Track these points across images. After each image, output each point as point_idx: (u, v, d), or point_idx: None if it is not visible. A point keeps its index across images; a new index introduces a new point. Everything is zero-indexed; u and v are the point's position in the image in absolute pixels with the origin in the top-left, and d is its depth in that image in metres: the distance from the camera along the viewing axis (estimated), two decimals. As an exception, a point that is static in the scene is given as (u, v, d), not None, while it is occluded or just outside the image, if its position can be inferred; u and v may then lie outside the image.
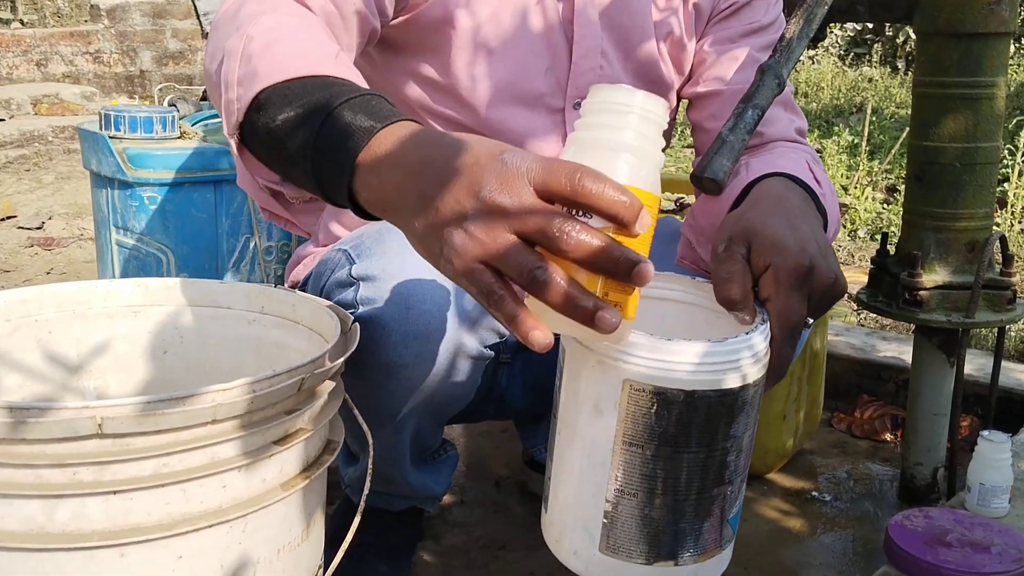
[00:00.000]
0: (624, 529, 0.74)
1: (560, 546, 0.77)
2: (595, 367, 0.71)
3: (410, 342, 0.98)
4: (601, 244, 0.59)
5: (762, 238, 0.78)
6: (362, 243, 1.03)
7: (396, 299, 0.98)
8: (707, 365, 0.70)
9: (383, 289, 0.98)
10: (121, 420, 0.68)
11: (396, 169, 0.66)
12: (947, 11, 1.29)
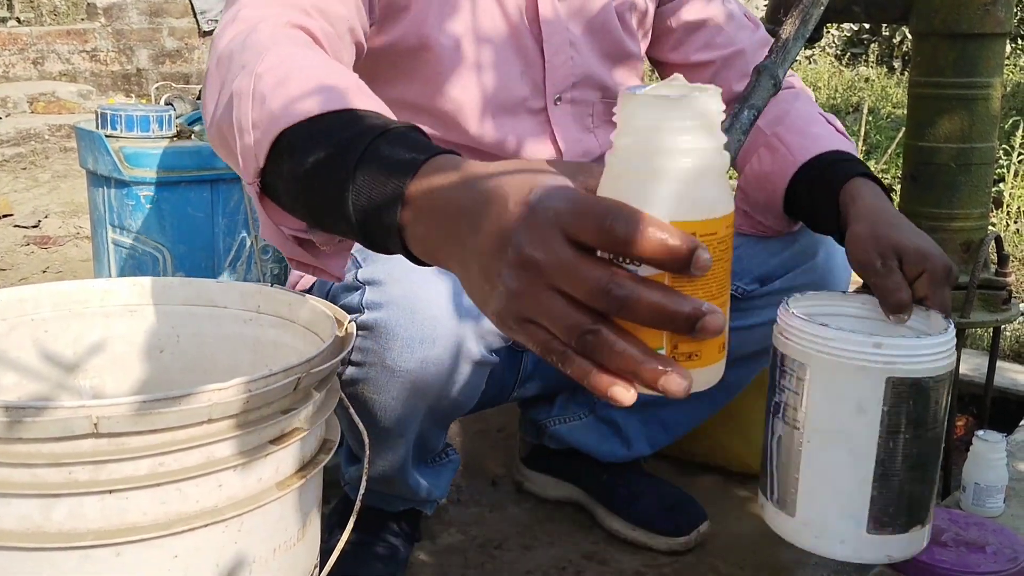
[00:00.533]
0: (887, 507, 0.89)
1: (821, 541, 0.93)
2: (855, 373, 0.85)
3: (415, 346, 0.99)
4: (651, 301, 0.49)
5: (910, 252, 0.96)
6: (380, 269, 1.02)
7: (402, 303, 0.98)
8: (941, 353, 0.87)
9: (388, 294, 0.98)
10: (117, 419, 0.68)
11: (436, 215, 0.59)
12: (943, 12, 1.30)
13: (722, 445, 1.62)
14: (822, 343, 0.87)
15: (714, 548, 1.43)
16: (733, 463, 1.63)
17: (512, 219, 0.53)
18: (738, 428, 1.59)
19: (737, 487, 1.61)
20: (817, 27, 1.46)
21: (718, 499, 1.57)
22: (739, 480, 1.62)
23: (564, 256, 0.50)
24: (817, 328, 0.87)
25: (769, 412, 0.94)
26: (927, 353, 0.86)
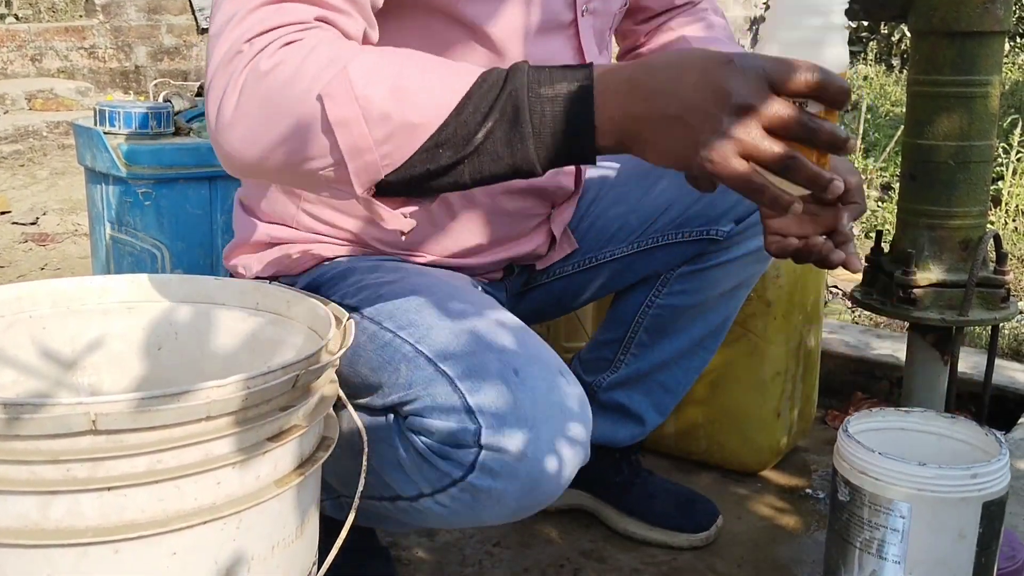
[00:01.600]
0: None
1: None
2: (957, 505, 0.94)
3: (525, 511, 0.94)
4: (827, 129, 0.73)
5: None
6: (470, 365, 0.91)
7: (525, 478, 0.90)
8: (1008, 468, 0.98)
9: (513, 468, 0.89)
10: (115, 416, 0.67)
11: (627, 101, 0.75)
12: (942, 10, 1.30)
13: (720, 444, 1.62)
14: (924, 481, 0.94)
15: (712, 547, 1.43)
16: (731, 462, 1.63)
17: (725, 77, 0.72)
18: (736, 427, 1.60)
19: (735, 485, 1.61)
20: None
21: (716, 497, 1.56)
22: (737, 479, 1.62)
23: (772, 101, 0.72)
24: (915, 468, 0.95)
25: (854, 547, 1.00)
26: (1004, 472, 0.96)
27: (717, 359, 1.58)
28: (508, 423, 0.88)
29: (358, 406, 0.98)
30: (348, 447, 0.99)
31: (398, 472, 0.97)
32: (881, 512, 0.96)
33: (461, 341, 0.93)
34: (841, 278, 2.79)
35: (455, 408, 0.89)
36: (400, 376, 0.95)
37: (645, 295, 1.36)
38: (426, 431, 0.92)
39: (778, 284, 1.53)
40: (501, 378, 0.89)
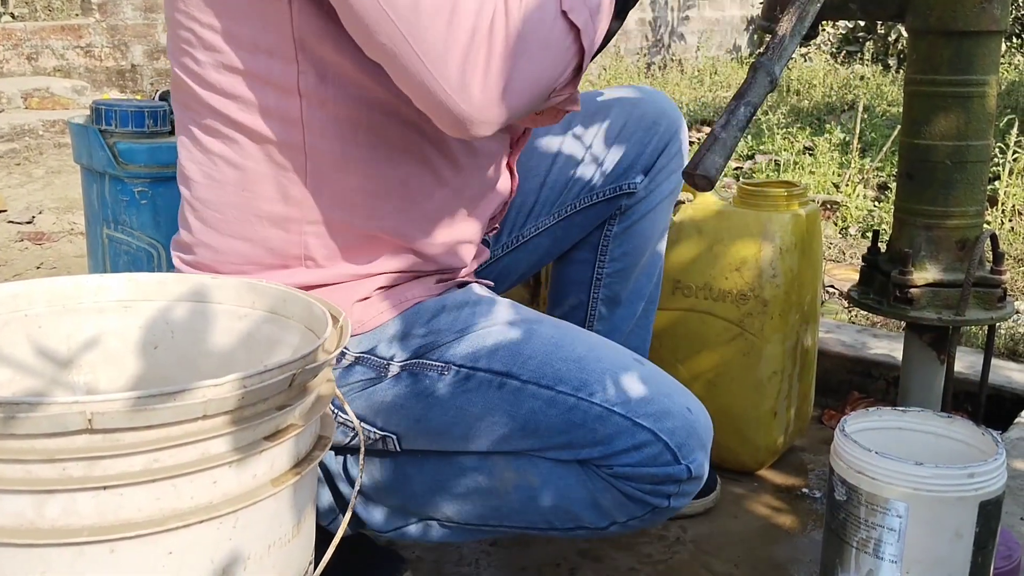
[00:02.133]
0: None
1: None
2: (954, 504, 0.93)
3: None
4: None
5: None
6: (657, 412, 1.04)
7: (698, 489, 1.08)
8: (1005, 468, 0.97)
9: (697, 486, 1.07)
10: (111, 415, 0.67)
11: None
12: (939, 9, 1.30)
13: (717, 443, 1.61)
14: (920, 481, 0.94)
15: (708, 546, 1.43)
16: (728, 461, 1.63)
17: None
18: (733, 426, 1.60)
19: (731, 484, 1.61)
20: (813, 24, 1.46)
21: (713, 496, 1.57)
22: (733, 478, 1.62)
23: None
24: (912, 467, 0.95)
25: (851, 547, 1.00)
26: (1000, 472, 0.96)
27: (713, 359, 1.59)
28: (699, 456, 1.05)
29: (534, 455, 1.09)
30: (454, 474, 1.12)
31: (592, 510, 1.08)
32: (878, 511, 0.96)
33: (635, 390, 1.04)
34: (838, 278, 2.79)
35: (663, 456, 1.03)
36: (598, 435, 1.04)
37: (591, 270, 1.42)
38: (636, 478, 1.04)
39: (775, 284, 1.53)
40: (683, 418, 1.04)
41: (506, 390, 1.05)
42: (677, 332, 1.61)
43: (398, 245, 1.09)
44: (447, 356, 1.07)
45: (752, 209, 1.55)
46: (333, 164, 1.03)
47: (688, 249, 1.59)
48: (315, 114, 1.00)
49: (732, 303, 1.56)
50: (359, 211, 1.05)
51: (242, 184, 1.04)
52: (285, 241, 1.06)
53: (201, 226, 1.08)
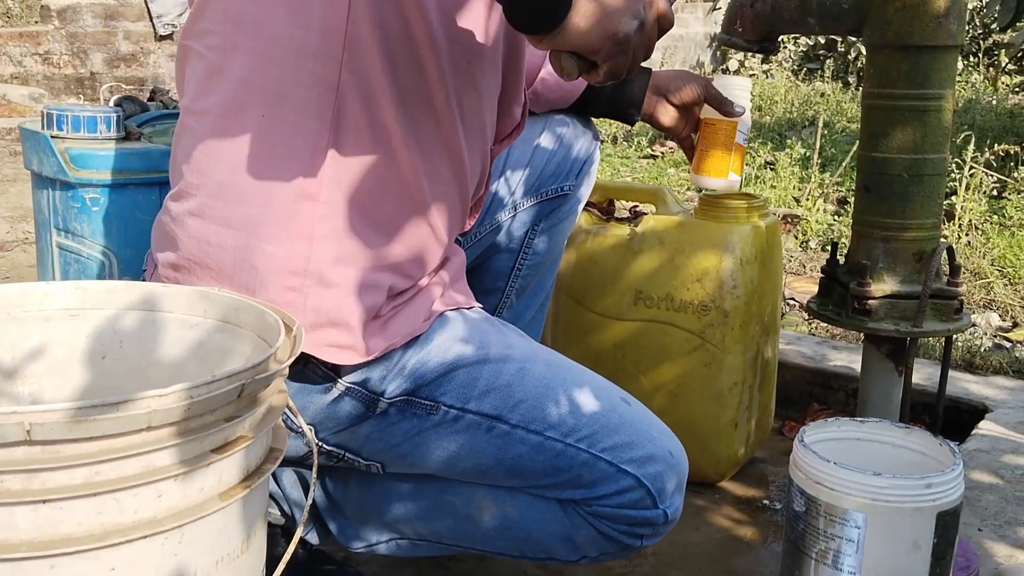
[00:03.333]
0: None
1: None
2: (912, 515, 0.94)
3: None
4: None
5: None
6: (642, 457, 1.06)
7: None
8: (962, 479, 0.98)
9: (672, 526, 1.10)
10: (51, 426, 0.65)
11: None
12: (896, 24, 1.31)
13: (678, 454, 1.61)
14: (878, 491, 0.95)
15: (669, 558, 1.42)
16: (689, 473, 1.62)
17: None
18: (694, 437, 1.59)
19: (693, 496, 1.60)
20: (774, 40, 1.47)
21: (673, 509, 1.56)
22: (695, 489, 1.62)
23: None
24: (870, 478, 0.95)
25: (810, 558, 1.00)
26: (958, 482, 0.97)
27: (675, 370, 1.58)
28: (676, 499, 1.08)
29: (516, 490, 1.10)
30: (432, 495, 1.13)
31: (565, 544, 1.11)
32: (836, 522, 0.95)
33: (621, 434, 1.06)
34: (799, 290, 2.81)
35: (644, 501, 1.05)
36: (583, 480, 1.06)
37: (513, 260, 1.46)
38: (615, 518, 1.07)
39: (735, 295, 1.53)
40: (665, 462, 1.07)
41: (495, 433, 1.06)
42: (639, 343, 1.60)
43: (400, 205, 1.04)
44: (437, 395, 1.06)
45: (713, 221, 1.55)
46: (363, 93, 0.98)
47: (650, 260, 1.59)
48: (359, 33, 0.96)
49: (693, 314, 1.55)
50: (373, 174, 1.01)
51: (262, 109, 0.98)
52: (299, 177, 0.99)
53: (207, 160, 1.01)
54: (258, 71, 0.98)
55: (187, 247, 1.03)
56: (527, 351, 1.11)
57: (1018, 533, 1.37)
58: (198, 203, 1.02)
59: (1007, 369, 2.06)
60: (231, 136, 0.99)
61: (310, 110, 0.98)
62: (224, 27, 0.99)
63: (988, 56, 6.69)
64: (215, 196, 1.01)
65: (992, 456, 1.61)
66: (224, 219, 1.01)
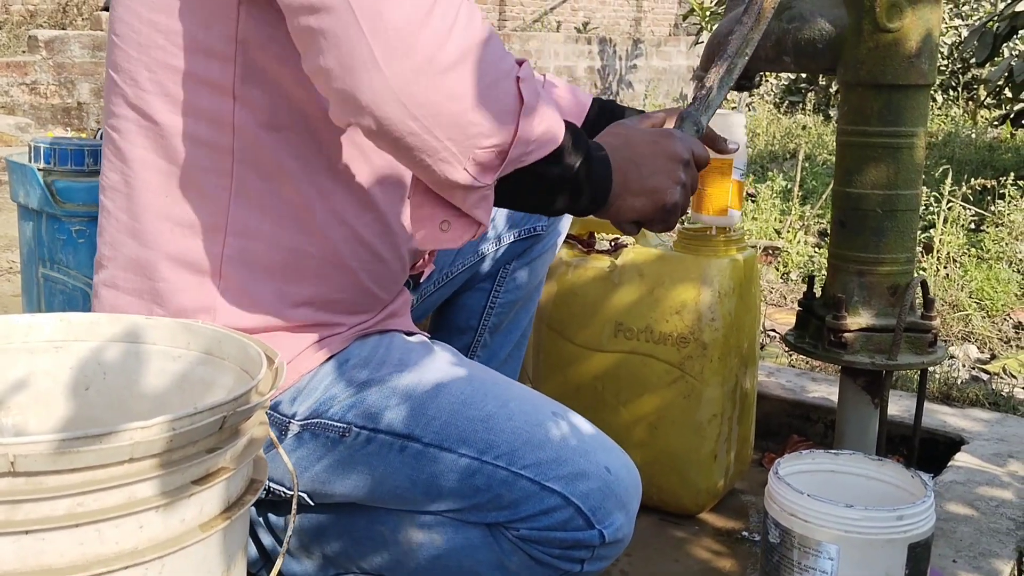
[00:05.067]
0: None
1: None
2: (884, 546, 0.95)
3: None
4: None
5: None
6: (569, 474, 0.99)
7: (621, 550, 1.05)
8: (933, 510, 1.00)
9: (618, 548, 1.03)
10: (34, 458, 0.66)
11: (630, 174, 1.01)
12: (869, 63, 1.34)
13: (657, 486, 1.62)
14: (851, 523, 0.96)
15: (649, 589, 1.43)
16: (669, 504, 1.63)
17: (676, 146, 1.04)
18: (674, 469, 1.61)
19: (673, 528, 1.61)
20: (752, 76, 1.50)
21: (654, 540, 1.57)
22: (674, 521, 1.63)
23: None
24: (843, 510, 0.97)
25: None
26: (929, 514, 0.99)
27: (654, 401, 1.60)
28: (617, 518, 1.00)
29: (437, 513, 1.05)
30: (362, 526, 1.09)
31: (499, 571, 1.04)
32: (810, 554, 0.97)
33: (547, 449, 1.00)
34: (779, 322, 2.84)
35: (574, 520, 0.98)
36: (503, 500, 1.00)
37: (485, 298, 1.46)
38: (544, 542, 1.00)
39: (714, 327, 1.55)
40: (599, 479, 0.99)
41: (407, 453, 1.01)
42: (619, 374, 1.62)
43: (318, 270, 1.05)
44: (348, 416, 1.04)
45: (692, 254, 1.58)
46: (260, 172, 1.01)
47: (629, 292, 1.61)
48: (247, 118, 0.98)
49: (672, 346, 1.57)
50: (284, 220, 1.02)
51: (166, 189, 1.01)
52: (203, 253, 1.02)
53: (118, 235, 1.05)
54: (160, 154, 1.01)
55: None
56: (447, 369, 1.06)
57: (992, 564, 1.39)
58: (110, 275, 1.07)
59: (984, 401, 2.08)
60: (135, 215, 1.03)
61: (208, 191, 1.01)
62: (127, 112, 1.02)
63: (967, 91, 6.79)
64: (125, 269, 1.06)
65: (968, 488, 1.62)
66: (136, 291, 1.06)
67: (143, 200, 1.03)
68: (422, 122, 0.85)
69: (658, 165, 1.01)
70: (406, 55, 0.83)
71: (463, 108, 0.85)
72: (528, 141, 0.90)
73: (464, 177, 0.88)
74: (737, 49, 1.10)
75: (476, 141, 0.87)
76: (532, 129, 0.90)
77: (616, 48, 8.33)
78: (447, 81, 0.84)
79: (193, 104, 0.99)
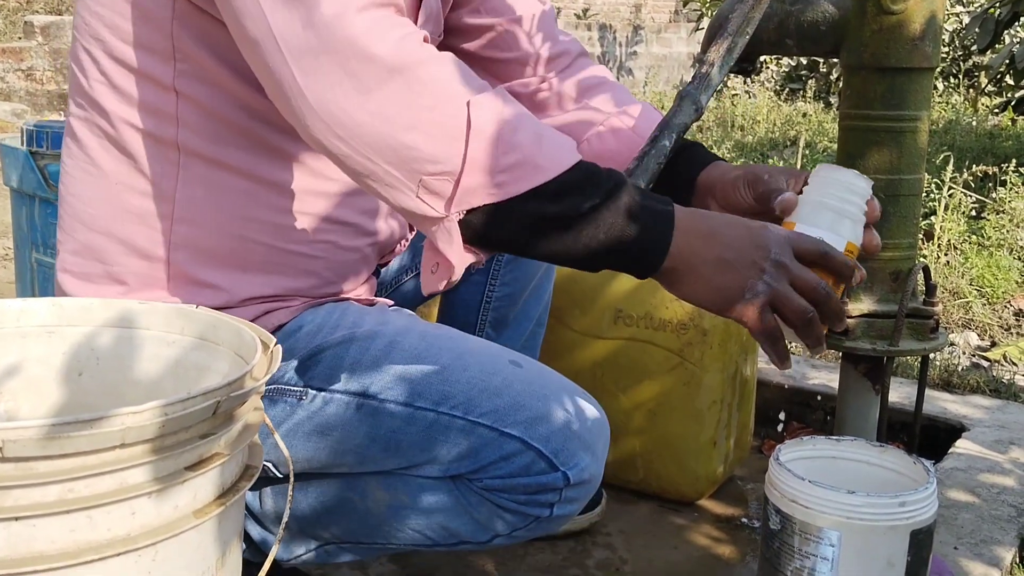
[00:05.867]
0: None
1: None
2: (886, 533, 0.94)
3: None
4: (835, 299, 0.88)
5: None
6: (529, 418, 0.97)
7: (590, 493, 1.02)
8: (936, 497, 0.98)
9: (587, 491, 1.01)
10: (24, 443, 0.65)
11: (695, 235, 0.87)
12: (872, 46, 1.32)
13: (657, 473, 1.62)
14: (853, 510, 0.95)
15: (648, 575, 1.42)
16: (668, 491, 1.63)
17: (764, 236, 0.87)
18: (673, 456, 1.60)
19: (672, 515, 1.61)
20: (753, 61, 1.48)
21: (653, 527, 1.56)
22: (674, 508, 1.62)
23: (797, 265, 0.87)
24: (845, 496, 0.95)
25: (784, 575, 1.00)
26: (932, 500, 0.97)
27: (654, 388, 1.59)
28: (582, 459, 0.98)
29: (403, 473, 1.03)
30: (331, 494, 1.07)
31: (469, 524, 1.03)
32: (811, 540, 0.96)
33: (504, 396, 0.98)
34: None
35: (536, 464, 0.97)
36: (463, 449, 0.99)
37: (481, 292, 1.40)
38: (508, 489, 0.98)
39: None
40: (560, 421, 0.98)
41: (364, 411, 1.01)
42: (618, 361, 1.61)
43: (269, 258, 1.07)
44: (304, 379, 1.04)
45: (692, 240, 1.56)
46: (206, 162, 1.03)
47: (629, 279, 1.59)
48: (190, 112, 1.01)
49: (672, 332, 1.56)
50: (231, 209, 1.04)
51: (116, 177, 1.04)
52: (151, 240, 1.04)
53: (72, 222, 1.08)
54: (110, 143, 1.04)
55: None
56: (401, 327, 1.05)
57: (994, 551, 1.38)
58: (64, 259, 1.09)
59: (984, 388, 2.07)
60: (88, 201, 1.06)
61: (155, 179, 1.03)
62: (82, 101, 1.06)
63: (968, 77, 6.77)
64: (78, 254, 1.08)
65: (969, 475, 1.62)
66: (88, 276, 1.08)
67: (95, 187, 1.06)
68: (351, 144, 0.84)
69: (737, 253, 0.86)
70: (326, 75, 0.83)
71: (392, 130, 0.83)
72: (491, 170, 0.83)
73: (419, 205, 0.85)
74: (738, 28, 1.08)
75: (419, 166, 0.83)
76: (495, 157, 0.83)
77: (616, 35, 8.30)
78: (371, 102, 0.82)
79: (138, 97, 1.02)
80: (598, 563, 1.44)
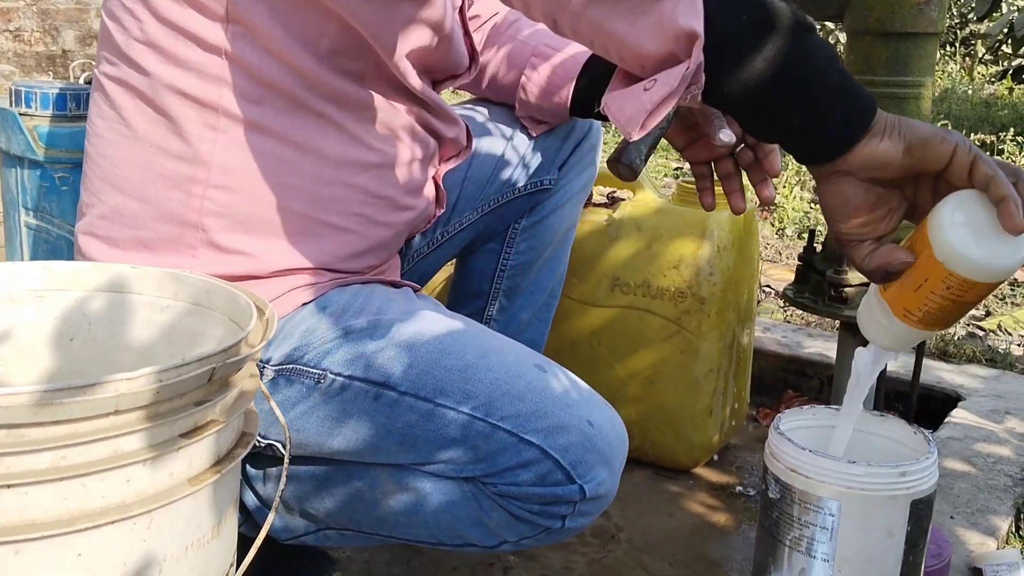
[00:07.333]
0: None
1: None
2: (886, 503, 0.93)
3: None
4: None
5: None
6: (549, 427, 0.95)
7: (605, 507, 1.01)
8: (936, 467, 0.96)
9: (601, 505, 0.99)
10: (16, 410, 0.63)
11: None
12: (877, 11, 1.30)
13: (652, 441, 1.61)
14: (852, 479, 0.93)
15: (643, 544, 1.42)
16: (664, 459, 1.63)
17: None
18: (669, 424, 1.59)
19: (668, 483, 1.61)
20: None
21: (648, 494, 1.56)
22: (669, 475, 1.62)
23: None
24: (845, 466, 0.93)
25: (784, 545, 0.98)
26: (932, 470, 0.95)
27: (650, 356, 1.58)
28: (599, 473, 0.96)
29: (412, 466, 1.01)
30: (339, 481, 1.05)
31: (478, 528, 1.01)
32: (810, 510, 0.95)
33: (527, 402, 0.96)
34: (775, 278, 2.82)
35: (553, 475, 0.95)
36: (480, 452, 0.96)
37: (495, 260, 1.39)
38: (523, 497, 0.96)
39: (712, 282, 1.53)
40: (581, 432, 0.95)
41: (383, 401, 0.98)
42: (616, 329, 1.60)
43: (303, 228, 1.04)
44: (324, 362, 1.01)
45: (691, 207, 1.55)
46: (247, 126, 1.00)
47: (627, 246, 1.58)
48: (236, 74, 0.98)
49: (670, 301, 1.55)
50: (269, 176, 1.01)
51: (150, 138, 1.01)
52: (184, 205, 1.01)
53: (100, 184, 1.04)
54: (147, 104, 1.01)
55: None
56: (427, 318, 1.03)
57: (990, 521, 1.39)
58: (90, 222, 1.06)
59: (980, 358, 2.07)
60: (118, 163, 1.03)
61: (192, 143, 1.00)
62: (117, 60, 1.02)
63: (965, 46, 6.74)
64: (106, 217, 1.05)
65: (965, 444, 1.62)
66: (115, 240, 1.05)
67: (127, 149, 1.02)
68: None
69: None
70: None
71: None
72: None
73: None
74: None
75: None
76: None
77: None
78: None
79: (182, 57, 0.98)
80: (593, 531, 1.44)
